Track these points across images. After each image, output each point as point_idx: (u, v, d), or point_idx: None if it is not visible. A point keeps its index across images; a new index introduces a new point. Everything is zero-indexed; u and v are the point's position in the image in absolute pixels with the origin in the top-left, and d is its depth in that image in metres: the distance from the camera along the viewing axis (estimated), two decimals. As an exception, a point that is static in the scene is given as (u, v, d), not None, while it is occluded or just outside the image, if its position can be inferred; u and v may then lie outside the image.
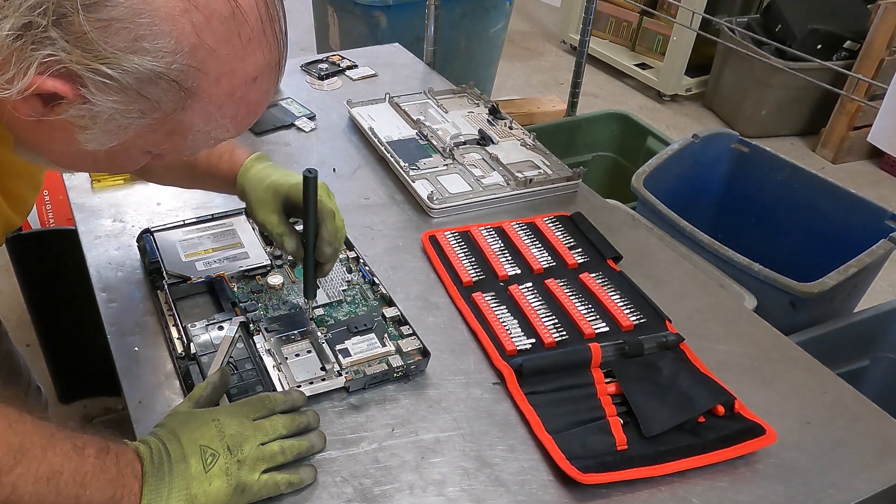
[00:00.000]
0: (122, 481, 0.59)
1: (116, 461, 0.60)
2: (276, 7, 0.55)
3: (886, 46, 2.74)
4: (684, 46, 3.21)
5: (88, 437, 0.60)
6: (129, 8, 0.48)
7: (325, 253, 0.82)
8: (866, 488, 0.73)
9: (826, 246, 1.57)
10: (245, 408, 0.69)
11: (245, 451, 0.65)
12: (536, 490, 0.71)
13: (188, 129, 0.56)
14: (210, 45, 0.51)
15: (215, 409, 0.70)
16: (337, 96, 1.42)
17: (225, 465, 0.64)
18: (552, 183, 1.16)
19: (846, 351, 1.37)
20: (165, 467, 0.62)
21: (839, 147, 2.97)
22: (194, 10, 0.50)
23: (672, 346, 0.86)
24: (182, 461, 0.63)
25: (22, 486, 0.54)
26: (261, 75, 0.56)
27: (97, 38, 0.48)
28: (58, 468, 0.56)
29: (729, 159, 1.76)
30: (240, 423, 0.67)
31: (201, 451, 0.64)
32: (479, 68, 2.79)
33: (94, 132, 0.53)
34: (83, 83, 0.50)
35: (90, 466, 0.58)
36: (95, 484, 0.58)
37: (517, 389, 0.80)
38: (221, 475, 0.63)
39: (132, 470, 0.61)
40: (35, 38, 0.47)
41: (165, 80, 0.51)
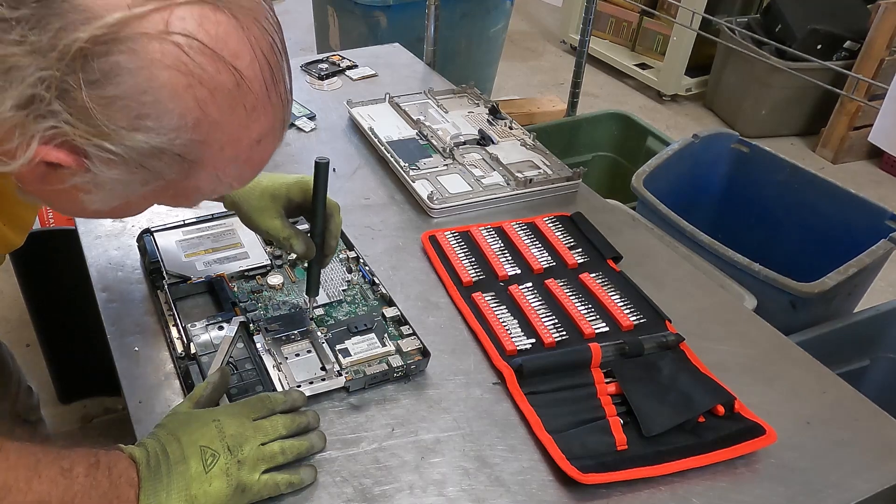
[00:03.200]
0: (115, 492, 0.59)
1: (108, 473, 0.59)
2: (281, 68, 0.54)
3: (886, 46, 2.74)
4: (684, 46, 3.21)
5: (77, 454, 0.59)
6: (132, 85, 0.47)
7: (332, 246, 0.82)
8: (866, 488, 0.73)
9: (826, 246, 1.57)
10: (245, 408, 0.69)
11: (245, 451, 0.65)
12: (536, 490, 0.71)
13: (192, 191, 0.56)
14: (214, 118, 0.50)
15: (215, 409, 0.70)
16: (337, 96, 1.42)
17: (225, 465, 0.64)
18: (552, 183, 1.16)
19: (846, 351, 1.37)
20: (163, 469, 0.62)
21: (839, 147, 2.98)
22: (198, 84, 0.49)
23: (672, 346, 0.87)
24: (182, 462, 0.63)
25: None
26: (265, 137, 0.56)
27: (100, 114, 0.47)
28: (45, 497, 0.55)
29: (729, 159, 1.76)
30: (240, 424, 0.67)
31: (201, 451, 0.64)
32: (479, 68, 2.79)
33: (97, 196, 0.53)
34: (86, 155, 0.49)
35: (79, 486, 0.57)
36: (87, 502, 0.57)
37: (517, 389, 0.80)
38: (221, 475, 0.64)
39: (126, 478, 0.60)
40: (38, 112, 0.47)
41: (169, 155, 0.51)
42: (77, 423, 1.77)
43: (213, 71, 0.49)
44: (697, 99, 3.41)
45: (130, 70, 0.46)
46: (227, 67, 0.49)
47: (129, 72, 0.46)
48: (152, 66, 0.47)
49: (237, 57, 0.49)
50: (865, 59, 2.77)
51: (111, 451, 0.62)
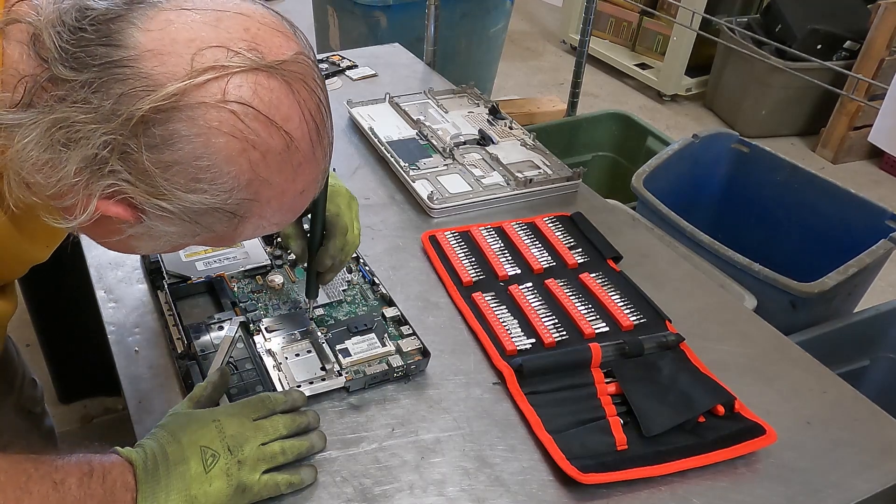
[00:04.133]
0: (111, 499, 0.59)
1: (103, 481, 0.59)
2: (326, 125, 0.56)
3: (886, 46, 2.74)
4: (684, 46, 3.20)
5: (70, 464, 0.59)
6: (190, 151, 0.49)
7: (325, 264, 0.82)
8: (866, 488, 0.73)
9: (826, 246, 1.57)
10: (245, 408, 0.69)
11: (245, 451, 0.65)
12: (536, 490, 0.71)
13: (236, 237, 0.59)
14: (265, 177, 0.53)
15: (215, 409, 0.70)
16: (337, 96, 1.42)
17: (225, 465, 0.64)
18: (552, 183, 1.16)
19: (846, 351, 1.37)
20: (161, 471, 0.62)
21: (839, 147, 2.97)
22: (252, 149, 0.51)
23: (672, 346, 0.86)
24: (182, 462, 0.63)
25: None
26: (308, 188, 0.58)
27: (159, 176, 0.49)
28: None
29: (729, 159, 1.76)
30: (240, 424, 0.67)
31: (201, 451, 0.64)
32: (479, 68, 2.79)
33: (148, 243, 0.56)
34: (143, 211, 0.52)
35: (72, 499, 0.57)
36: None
37: (517, 389, 0.80)
38: (222, 476, 0.64)
39: (122, 483, 0.60)
40: (100, 171, 0.49)
41: (221, 212, 0.53)
42: (77, 423, 1.77)
43: (265, 135, 0.51)
44: (697, 99, 3.41)
45: (189, 137, 0.49)
46: (278, 131, 0.52)
47: (188, 138, 0.49)
48: (209, 133, 0.49)
49: (288, 120, 0.52)
50: (865, 59, 2.77)
51: (106, 456, 0.62)
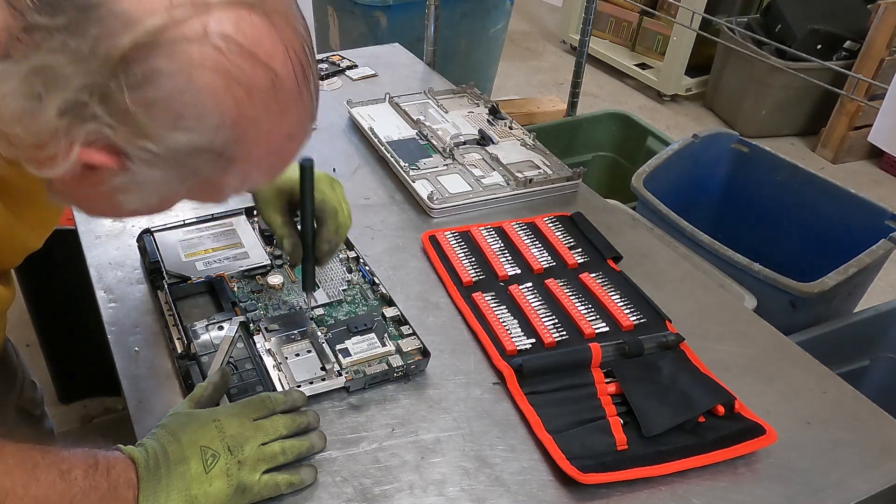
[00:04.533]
0: (114, 494, 0.59)
1: (107, 475, 0.59)
2: (311, 66, 0.55)
3: (886, 46, 2.74)
4: (684, 46, 3.21)
5: (76, 456, 0.59)
6: (172, 88, 0.48)
7: (323, 250, 0.82)
8: (866, 488, 0.73)
9: (826, 246, 1.57)
10: (246, 408, 0.69)
11: (246, 451, 0.65)
12: (536, 490, 0.71)
13: (224, 186, 0.57)
14: (250, 116, 0.52)
15: (216, 409, 0.70)
16: (337, 96, 1.42)
17: (226, 465, 0.64)
18: (552, 183, 1.16)
19: (846, 351, 1.37)
20: (162, 470, 0.62)
21: (839, 147, 2.98)
22: (236, 85, 0.50)
23: (672, 346, 0.86)
24: (182, 462, 0.63)
25: None
26: (295, 132, 0.57)
27: (142, 116, 0.48)
28: (42, 500, 0.56)
29: (729, 159, 1.76)
30: (240, 424, 0.67)
31: (202, 451, 0.64)
32: (479, 68, 2.79)
33: (134, 196, 0.54)
34: (127, 156, 0.50)
35: (78, 489, 0.57)
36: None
37: (517, 389, 0.80)
38: (222, 476, 0.64)
39: (125, 479, 0.60)
40: (81, 116, 0.47)
41: (207, 152, 0.52)
42: (77, 423, 1.77)
43: (249, 71, 0.50)
44: (697, 99, 3.41)
45: (171, 73, 0.47)
46: (262, 67, 0.50)
47: (170, 75, 0.47)
48: (192, 69, 0.48)
49: (272, 57, 0.51)
50: (865, 59, 2.77)
51: (110, 452, 0.62)
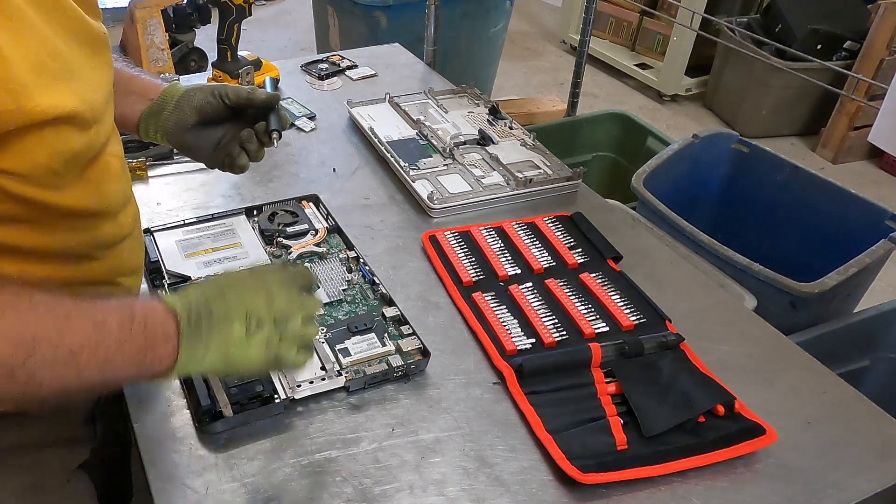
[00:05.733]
0: (150, 347, 0.58)
1: (144, 328, 0.58)
2: None
3: (886, 46, 2.74)
4: (684, 46, 3.21)
5: (112, 306, 0.58)
6: None
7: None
8: (866, 488, 0.73)
9: (826, 246, 1.57)
10: (294, 280, 0.67)
11: (289, 328, 0.64)
12: (536, 490, 0.71)
13: None
14: None
15: (266, 273, 0.67)
16: (337, 96, 1.42)
17: (268, 337, 0.63)
18: (552, 183, 1.16)
19: (846, 351, 1.37)
20: (204, 326, 0.60)
21: (839, 147, 2.98)
22: None
23: (672, 346, 0.86)
24: (225, 321, 0.61)
25: (39, 374, 0.53)
26: None
27: None
28: (76, 349, 0.54)
29: (729, 159, 1.76)
30: (289, 298, 0.65)
31: (247, 316, 0.62)
32: (479, 68, 2.79)
33: None
34: None
35: (112, 340, 0.56)
36: (119, 356, 0.56)
37: (517, 389, 0.80)
38: (262, 345, 0.62)
39: (163, 333, 0.59)
40: None
41: None
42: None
43: None
44: (697, 99, 3.41)
45: None
46: None
47: None
48: None
49: None
50: (865, 59, 2.77)
51: (149, 302, 0.60)
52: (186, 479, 0.69)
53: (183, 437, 0.73)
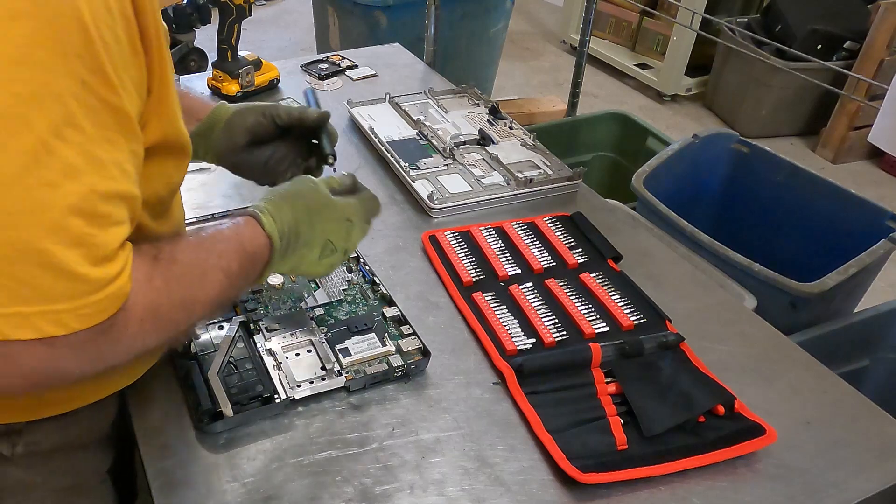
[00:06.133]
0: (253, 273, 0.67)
1: (253, 261, 0.66)
2: None
3: (886, 46, 2.74)
4: (684, 46, 3.21)
5: (231, 249, 0.64)
6: None
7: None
8: (866, 488, 0.73)
9: (826, 246, 1.57)
10: (370, 212, 0.77)
11: (349, 254, 0.76)
12: (537, 490, 0.71)
13: None
14: None
15: (350, 206, 0.75)
16: (337, 96, 1.42)
17: (333, 261, 0.74)
18: (552, 183, 1.16)
19: (846, 351, 1.37)
20: (290, 248, 0.69)
21: (839, 147, 2.98)
22: None
23: (672, 346, 0.87)
24: (307, 247, 0.71)
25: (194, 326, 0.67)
26: None
27: None
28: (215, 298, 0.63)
29: (729, 159, 1.76)
30: (361, 231, 0.76)
31: (326, 244, 0.72)
32: (479, 68, 2.79)
33: None
34: None
35: (235, 279, 0.64)
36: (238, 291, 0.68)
37: (517, 389, 0.80)
38: (326, 266, 0.74)
39: (261, 258, 0.67)
40: None
41: None
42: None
43: None
44: (697, 99, 3.41)
45: None
46: None
47: None
48: None
49: None
50: (865, 59, 2.77)
51: (254, 230, 0.66)
52: (186, 479, 0.69)
53: (183, 438, 0.73)
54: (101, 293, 0.49)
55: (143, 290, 0.54)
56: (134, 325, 0.54)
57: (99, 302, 0.49)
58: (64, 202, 0.46)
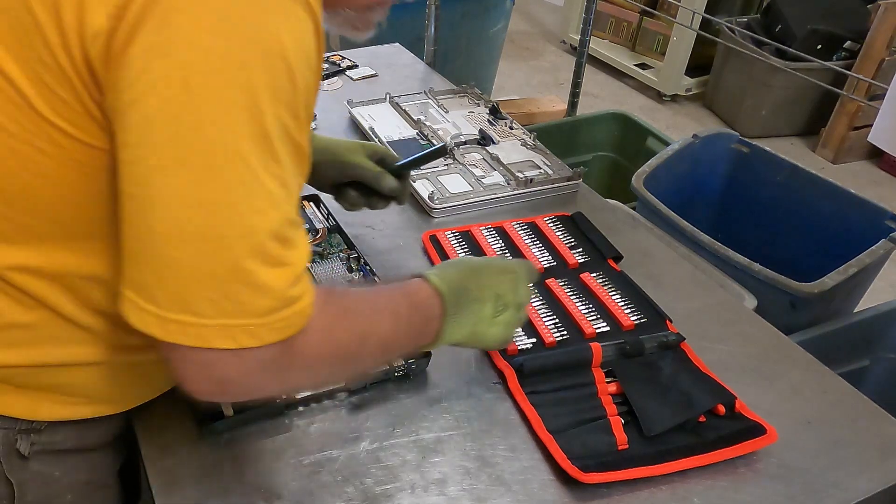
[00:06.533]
0: (424, 326, 0.70)
1: (419, 310, 0.69)
2: None
3: (886, 46, 2.74)
4: (684, 46, 3.21)
5: (399, 293, 0.69)
6: None
7: None
8: (867, 488, 0.74)
9: (826, 246, 1.57)
10: (530, 274, 0.78)
11: (522, 314, 0.76)
12: (537, 489, 0.71)
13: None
14: None
15: (512, 264, 0.78)
16: (337, 96, 1.42)
17: (509, 318, 0.75)
18: (553, 183, 1.16)
19: (846, 351, 1.37)
20: (462, 304, 0.71)
21: (839, 147, 2.98)
22: None
23: (673, 346, 0.87)
24: (479, 302, 0.72)
25: (364, 360, 0.68)
26: None
27: None
28: (385, 338, 0.66)
29: (729, 159, 1.76)
30: (526, 287, 0.76)
31: (496, 298, 0.73)
32: (479, 68, 2.79)
33: None
34: None
35: (404, 325, 0.68)
36: (406, 339, 0.69)
37: (518, 389, 0.80)
38: (502, 325, 0.74)
39: (432, 313, 0.70)
40: None
41: None
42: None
43: None
44: (697, 99, 3.41)
45: None
46: None
47: None
48: None
49: None
50: (865, 59, 2.77)
51: (421, 285, 0.71)
52: (187, 479, 0.69)
53: (183, 437, 0.73)
54: (289, 310, 0.54)
55: (320, 314, 0.58)
56: (313, 346, 0.58)
57: (288, 318, 0.54)
58: (268, 227, 0.51)
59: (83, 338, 0.62)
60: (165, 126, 0.48)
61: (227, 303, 0.51)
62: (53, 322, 0.60)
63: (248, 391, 0.59)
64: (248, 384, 0.57)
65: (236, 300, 0.51)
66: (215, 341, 0.52)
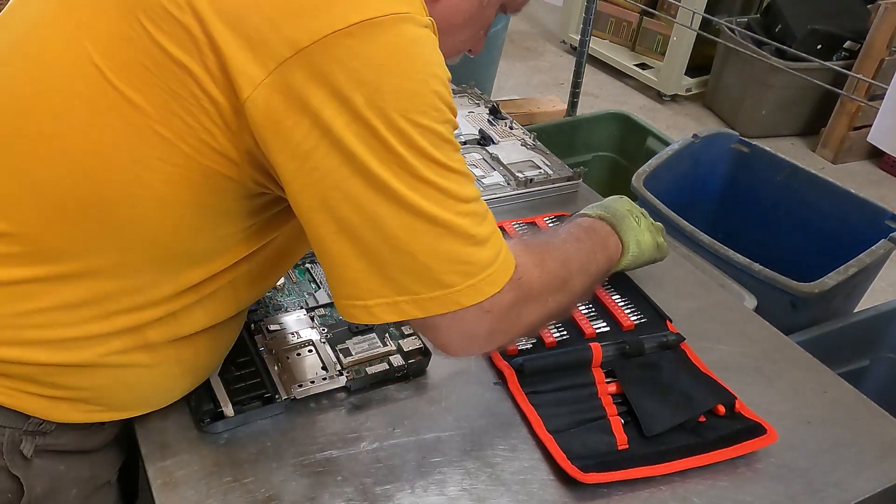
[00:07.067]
0: (604, 243, 0.83)
1: (594, 233, 0.83)
2: None
3: (886, 46, 2.74)
4: (684, 46, 3.21)
5: (577, 228, 0.82)
6: None
7: None
8: (867, 488, 0.74)
9: (826, 246, 1.57)
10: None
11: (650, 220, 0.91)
12: (537, 489, 0.71)
13: None
14: None
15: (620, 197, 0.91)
16: (337, 96, 1.42)
17: (648, 223, 0.90)
18: (553, 183, 1.16)
19: (846, 351, 1.37)
20: (619, 220, 0.85)
21: (839, 147, 2.98)
22: None
23: (673, 346, 0.87)
24: (627, 217, 0.86)
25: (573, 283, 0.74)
26: None
27: None
28: (583, 260, 0.77)
29: (729, 159, 1.76)
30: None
31: (630, 213, 0.87)
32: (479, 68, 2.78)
33: None
34: None
35: (587, 247, 0.80)
36: (596, 256, 0.80)
37: (518, 389, 0.80)
38: (647, 231, 0.89)
39: (604, 230, 0.84)
40: None
41: None
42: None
43: None
44: (697, 99, 3.41)
45: None
46: None
47: None
48: None
49: None
50: (865, 59, 2.77)
51: (584, 219, 0.85)
52: (187, 478, 0.69)
53: (183, 437, 0.73)
54: (503, 253, 0.63)
55: (528, 252, 0.69)
56: (535, 279, 0.68)
57: (505, 259, 0.63)
58: (470, 194, 0.61)
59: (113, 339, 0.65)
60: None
61: (467, 266, 0.60)
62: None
63: (499, 336, 0.68)
64: (497, 330, 0.65)
65: (470, 261, 0.60)
66: (466, 301, 0.61)
